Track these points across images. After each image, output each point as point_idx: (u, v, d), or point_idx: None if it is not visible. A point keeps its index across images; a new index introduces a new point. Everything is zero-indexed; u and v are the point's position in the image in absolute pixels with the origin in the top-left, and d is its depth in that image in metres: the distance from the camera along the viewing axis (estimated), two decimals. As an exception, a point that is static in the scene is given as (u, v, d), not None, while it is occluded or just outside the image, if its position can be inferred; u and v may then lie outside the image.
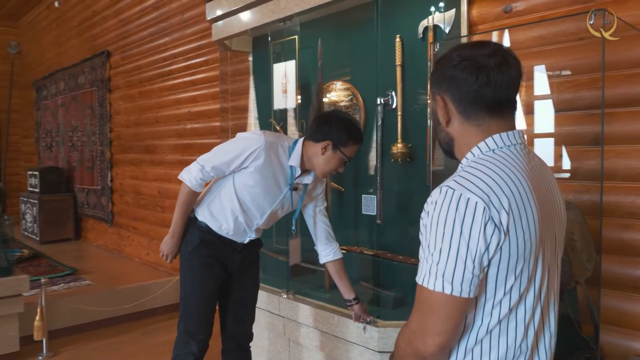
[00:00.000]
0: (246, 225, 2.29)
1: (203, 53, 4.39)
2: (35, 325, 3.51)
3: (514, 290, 1.00)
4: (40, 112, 8.26)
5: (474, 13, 2.53)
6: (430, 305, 1.00)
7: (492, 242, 0.96)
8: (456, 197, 0.97)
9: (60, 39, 7.36)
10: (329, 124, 2.17)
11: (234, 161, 2.14)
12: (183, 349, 2.34)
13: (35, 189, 6.82)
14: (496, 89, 1.03)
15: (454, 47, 1.10)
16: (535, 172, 1.07)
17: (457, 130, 1.10)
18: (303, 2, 2.76)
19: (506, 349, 1.04)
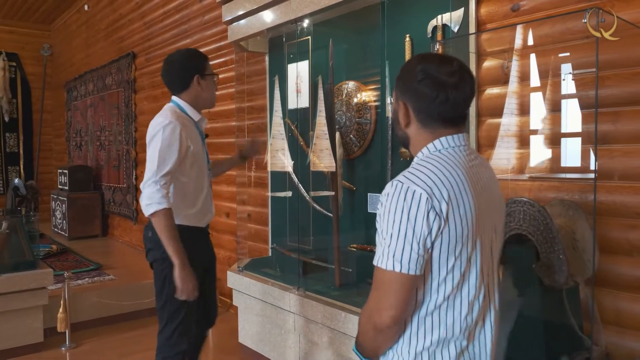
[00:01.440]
0: (207, 200, 2.39)
1: (222, 54, 4.48)
2: (59, 317, 3.66)
3: (455, 269, 1.16)
4: (70, 112, 8.53)
5: (482, 12, 2.53)
6: (384, 283, 1.15)
7: (434, 227, 1.11)
8: (404, 190, 1.12)
9: (90, 41, 7.60)
10: (177, 68, 2.28)
11: (178, 153, 2.13)
12: (171, 350, 2.29)
13: (65, 187, 7.06)
14: (452, 106, 1.19)
15: (418, 60, 1.23)
16: (474, 170, 1.22)
17: (414, 133, 1.26)
18: (313, 3, 2.80)
19: (452, 321, 1.19)
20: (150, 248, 2.30)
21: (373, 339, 1.22)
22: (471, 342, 1.22)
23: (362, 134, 3.07)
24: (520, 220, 1.78)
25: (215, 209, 4.61)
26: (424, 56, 1.26)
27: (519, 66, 2.36)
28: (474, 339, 1.23)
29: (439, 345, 1.19)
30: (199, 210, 2.33)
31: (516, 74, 2.37)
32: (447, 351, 1.19)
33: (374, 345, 1.24)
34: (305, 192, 3.44)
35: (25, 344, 3.61)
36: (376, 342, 1.23)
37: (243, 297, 3.44)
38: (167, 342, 2.29)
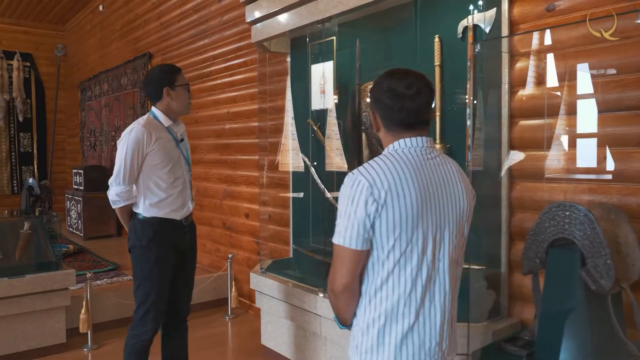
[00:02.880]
0: (182, 197, 2.67)
1: (242, 54, 4.47)
2: (81, 318, 3.66)
3: (395, 248, 1.36)
4: (84, 112, 8.56)
5: (515, 12, 2.49)
6: (337, 255, 1.40)
7: (371, 210, 1.34)
8: (353, 179, 1.38)
9: (104, 42, 7.61)
10: (150, 82, 2.63)
11: (138, 157, 2.50)
12: (141, 329, 2.61)
13: (80, 187, 7.07)
14: (408, 114, 1.43)
15: (385, 76, 1.48)
16: (429, 167, 1.42)
17: (382, 135, 1.51)
18: (342, 3, 2.78)
19: (398, 296, 1.39)
20: (129, 237, 2.66)
21: (334, 303, 1.48)
22: (419, 320, 1.40)
23: (389, 135, 3.04)
24: (565, 224, 1.75)
25: (234, 210, 4.62)
26: (390, 72, 1.49)
27: (556, 67, 2.33)
28: (422, 316, 1.41)
29: (388, 318, 1.39)
30: (169, 205, 2.62)
31: (552, 75, 2.34)
32: (396, 326, 1.39)
33: (336, 309, 1.49)
34: (328, 193, 3.42)
35: (48, 344, 3.61)
36: (337, 306, 1.47)
37: (266, 298, 3.42)
38: (138, 322, 2.61)
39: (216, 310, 4.54)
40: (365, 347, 1.41)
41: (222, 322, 4.32)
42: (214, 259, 5.01)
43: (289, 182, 3.93)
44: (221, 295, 4.61)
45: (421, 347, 1.40)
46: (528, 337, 2.00)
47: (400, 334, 1.39)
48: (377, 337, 1.40)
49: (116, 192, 2.56)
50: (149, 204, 2.58)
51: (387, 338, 1.39)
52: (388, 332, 1.39)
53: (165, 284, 2.64)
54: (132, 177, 2.54)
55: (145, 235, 2.56)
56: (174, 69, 2.68)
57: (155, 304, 2.60)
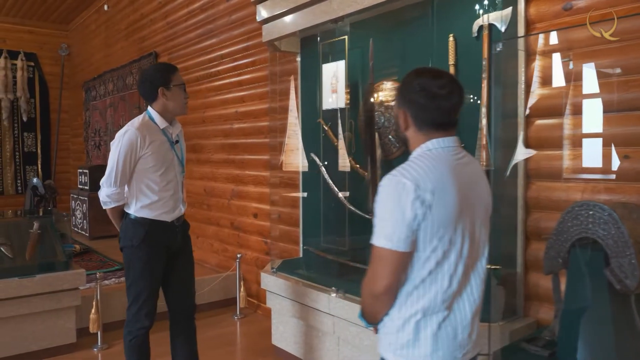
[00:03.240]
0: (174, 199, 2.66)
1: (250, 54, 4.46)
2: (91, 318, 3.65)
3: (438, 249, 1.38)
4: (89, 112, 8.55)
5: (531, 11, 2.49)
6: (379, 258, 1.40)
7: (419, 213, 1.34)
8: (396, 181, 1.37)
9: (109, 41, 7.60)
10: (145, 82, 2.59)
11: (130, 159, 2.50)
12: (135, 325, 2.67)
13: (85, 187, 7.07)
14: (442, 113, 1.45)
15: (416, 75, 1.48)
16: (460, 167, 1.44)
17: (411, 135, 1.51)
18: (356, 2, 2.77)
19: (435, 293, 1.41)
20: (121, 236, 2.68)
21: (371, 305, 1.48)
22: (452, 312, 1.44)
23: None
24: (589, 223, 1.74)
25: (242, 209, 4.62)
26: (420, 71, 1.51)
27: (574, 66, 2.32)
28: (455, 309, 1.44)
29: (424, 314, 1.42)
30: (160, 207, 2.62)
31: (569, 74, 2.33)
32: (431, 320, 1.42)
33: (372, 311, 1.50)
34: (340, 193, 3.42)
35: (58, 344, 3.61)
36: (374, 308, 1.48)
37: (278, 298, 3.42)
38: (132, 319, 2.67)
39: (224, 310, 4.53)
40: (401, 343, 1.44)
41: (230, 322, 4.31)
42: (222, 258, 5.00)
43: (298, 181, 3.92)
44: (229, 295, 4.60)
45: (454, 338, 1.44)
46: (548, 337, 1.99)
47: (435, 328, 1.42)
48: (413, 332, 1.42)
49: (107, 193, 2.58)
50: (140, 205, 2.59)
51: (423, 333, 1.42)
52: (423, 327, 1.42)
53: (156, 282, 2.69)
54: (123, 179, 2.54)
55: (136, 235, 2.58)
56: (169, 67, 2.65)
57: (147, 301, 2.65)
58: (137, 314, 2.65)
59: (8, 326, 3.41)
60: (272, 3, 3.34)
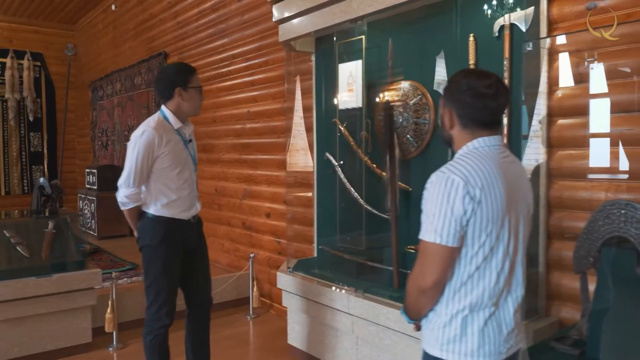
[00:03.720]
0: (190, 197, 2.70)
1: (263, 54, 4.46)
2: (107, 318, 3.66)
3: (486, 244, 1.42)
4: (96, 111, 8.55)
5: (554, 11, 2.49)
6: (427, 253, 1.43)
7: (468, 208, 1.38)
8: (445, 178, 1.40)
9: (117, 41, 7.60)
10: (163, 80, 2.63)
11: (148, 160, 2.53)
12: (156, 324, 2.68)
13: (93, 186, 7.06)
14: (489, 113, 1.48)
15: (463, 75, 1.51)
16: (505, 165, 1.47)
17: (456, 134, 1.54)
18: (377, 2, 2.78)
19: (483, 289, 1.44)
20: (140, 236, 2.69)
21: (417, 299, 1.50)
22: (497, 308, 1.47)
23: (420, 134, 3.04)
24: (621, 222, 1.75)
25: (254, 209, 4.62)
26: (467, 72, 1.56)
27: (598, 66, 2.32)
28: (500, 306, 1.47)
29: (472, 310, 1.44)
30: (179, 206, 2.66)
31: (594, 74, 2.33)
32: (478, 316, 1.45)
33: (417, 306, 1.52)
34: (355, 193, 3.42)
35: (73, 344, 3.61)
36: (419, 303, 1.50)
37: (294, 298, 3.42)
38: (152, 318, 2.68)
39: (237, 310, 4.53)
40: (448, 338, 1.47)
41: (243, 321, 4.31)
42: (233, 258, 5.01)
43: (313, 181, 3.92)
44: (241, 295, 4.60)
45: (500, 333, 1.47)
46: (576, 336, 2.00)
47: (482, 323, 1.45)
48: (460, 327, 1.45)
49: (125, 194, 2.58)
50: (160, 205, 2.62)
51: (470, 328, 1.45)
52: (470, 323, 1.45)
53: (175, 280, 2.72)
54: (141, 179, 2.57)
55: (156, 234, 2.61)
56: (188, 69, 2.68)
57: (167, 299, 2.67)
58: (157, 313, 2.67)
59: (25, 325, 3.41)
60: (288, 3, 3.34)
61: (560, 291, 2.50)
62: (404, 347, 2.67)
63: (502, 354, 1.48)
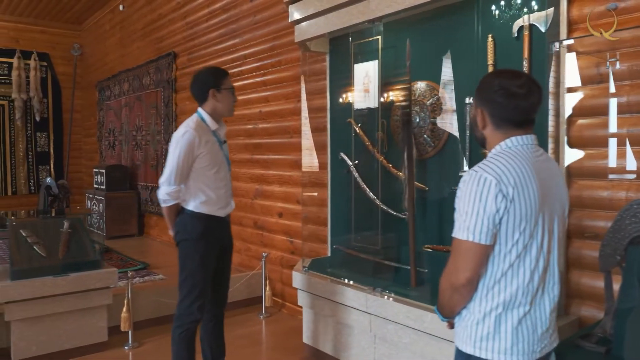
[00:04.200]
0: (226, 195, 2.81)
1: (276, 54, 4.48)
2: (123, 317, 3.67)
3: (519, 242, 1.43)
4: (103, 111, 8.57)
5: (574, 11, 2.51)
6: (461, 250, 1.45)
7: (501, 207, 1.40)
8: (478, 177, 1.42)
9: (125, 41, 7.62)
10: (198, 83, 2.73)
11: (188, 159, 2.62)
12: (188, 318, 2.73)
13: (102, 186, 7.09)
14: (521, 112, 1.49)
15: (495, 75, 1.54)
16: (539, 164, 1.49)
17: (489, 133, 1.56)
18: (396, 2, 2.79)
19: (517, 287, 1.46)
20: (178, 231, 2.77)
21: (450, 297, 1.51)
22: (533, 307, 1.47)
23: (437, 134, 3.06)
24: (649, 221, 1.76)
25: (266, 209, 4.63)
26: (498, 72, 1.58)
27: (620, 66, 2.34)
28: (535, 305, 1.48)
29: (505, 308, 1.46)
30: (216, 204, 2.76)
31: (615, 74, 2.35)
32: (512, 314, 1.46)
33: (450, 303, 1.53)
34: (371, 193, 3.44)
35: (89, 343, 3.63)
36: (452, 300, 1.52)
37: (310, 297, 3.43)
38: (184, 312, 2.73)
39: (249, 309, 4.55)
40: (481, 336, 1.48)
41: (256, 320, 4.33)
42: (244, 258, 5.03)
43: (327, 181, 3.93)
44: (253, 294, 4.62)
45: (534, 333, 1.48)
46: (601, 334, 2.01)
47: (516, 322, 1.46)
48: (493, 325, 1.47)
49: (166, 191, 2.68)
50: (199, 202, 2.72)
51: (504, 326, 1.46)
52: (504, 321, 1.46)
53: (210, 275, 2.79)
54: (182, 178, 2.68)
55: (195, 229, 2.70)
56: (221, 72, 2.80)
57: (201, 294, 2.73)
58: (190, 307, 2.72)
59: (43, 324, 3.43)
60: (305, 4, 3.36)
61: (580, 290, 2.51)
62: (423, 346, 2.69)
63: (536, 352, 1.50)
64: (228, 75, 2.79)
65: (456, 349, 1.60)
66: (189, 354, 2.79)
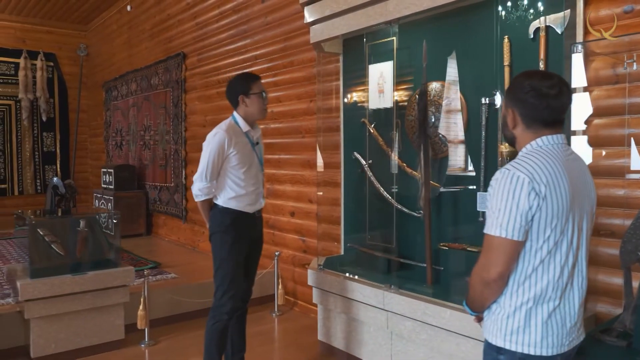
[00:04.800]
0: (255, 193, 2.94)
1: (288, 54, 4.52)
2: (139, 315, 3.72)
3: (550, 239, 1.47)
4: (110, 112, 8.61)
5: (590, 14, 2.55)
6: (493, 246, 1.49)
7: (534, 204, 1.44)
8: (510, 175, 1.46)
9: (132, 42, 7.66)
10: (229, 90, 2.93)
11: (219, 158, 2.78)
12: (221, 309, 2.86)
13: (110, 186, 7.13)
14: (552, 112, 1.53)
15: (525, 77, 1.57)
16: (569, 162, 1.54)
17: (520, 133, 1.60)
18: (414, 4, 2.84)
19: (547, 282, 1.50)
20: (210, 224, 2.93)
21: (481, 292, 1.56)
22: (562, 301, 1.52)
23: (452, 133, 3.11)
24: (671, 219, 1.81)
25: (278, 208, 4.67)
26: (529, 73, 1.60)
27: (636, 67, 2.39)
28: (564, 299, 1.52)
29: (535, 302, 1.50)
30: (244, 200, 2.90)
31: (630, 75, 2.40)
32: (542, 308, 1.50)
33: (481, 298, 1.58)
34: (385, 192, 3.48)
35: (107, 340, 3.67)
36: (483, 295, 1.56)
37: (325, 295, 3.48)
38: (218, 303, 2.87)
39: (261, 307, 4.59)
40: (512, 329, 1.53)
41: (269, 319, 4.37)
42: (256, 257, 5.06)
43: (340, 180, 3.98)
44: (265, 292, 4.66)
45: (562, 327, 1.53)
46: (620, 329, 2.06)
47: (546, 316, 1.51)
48: (524, 319, 1.51)
49: (199, 187, 2.86)
50: (228, 197, 2.89)
51: (534, 320, 1.51)
52: (534, 315, 1.51)
53: (240, 265, 2.92)
54: (213, 175, 2.84)
55: (224, 221, 2.87)
56: (249, 77, 2.95)
57: (232, 283, 2.86)
58: (223, 298, 2.86)
59: (62, 323, 3.48)
60: (321, 5, 3.40)
61: (596, 286, 2.56)
62: (441, 342, 2.74)
63: (564, 346, 1.54)
64: (257, 80, 2.93)
65: (485, 342, 1.64)
66: (218, 347, 2.89)
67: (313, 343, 3.72)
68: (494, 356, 1.59)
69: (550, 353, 1.52)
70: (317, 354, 3.61)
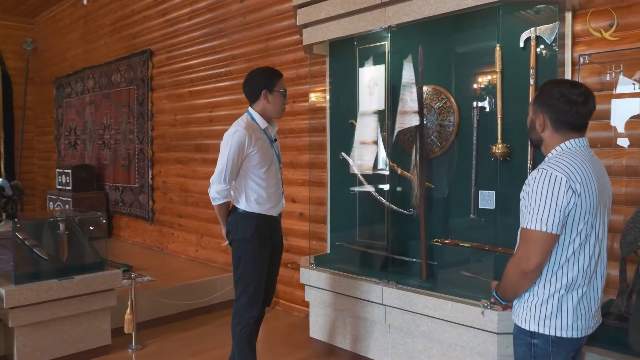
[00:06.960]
0: (277, 194, 2.85)
1: (268, 55, 4.53)
2: (126, 319, 3.63)
3: (582, 232, 1.65)
4: (61, 109, 8.22)
5: (577, 27, 2.78)
6: (532, 239, 1.65)
7: (571, 201, 1.61)
8: (548, 174, 1.63)
9: (89, 37, 7.36)
10: (251, 82, 2.81)
11: (239, 157, 2.66)
12: (245, 315, 2.79)
13: (67, 187, 6.83)
14: (579, 117, 1.71)
15: (554, 84, 1.76)
16: (593, 162, 1.72)
17: (548, 136, 1.77)
18: (414, 12, 2.96)
19: (578, 271, 1.68)
20: (230, 230, 2.81)
21: (517, 281, 1.73)
22: (589, 288, 1.70)
23: (445, 135, 3.27)
24: (668, 213, 2.03)
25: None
26: (556, 81, 1.80)
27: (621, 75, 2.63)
28: (591, 285, 1.71)
29: (567, 289, 1.68)
30: (267, 202, 2.80)
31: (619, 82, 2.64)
32: (572, 295, 1.68)
33: (516, 287, 1.75)
34: (374, 190, 3.60)
35: (93, 346, 3.56)
36: (519, 284, 1.73)
37: (319, 292, 3.55)
38: (242, 309, 2.79)
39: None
40: (545, 315, 1.71)
41: (252, 318, 4.38)
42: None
43: (326, 180, 4.06)
44: (245, 292, 4.66)
45: (589, 310, 1.72)
46: (617, 312, 2.28)
47: (576, 301, 1.69)
48: (557, 305, 1.69)
49: (217, 190, 2.71)
50: (250, 201, 2.76)
51: (565, 305, 1.69)
52: (566, 301, 1.69)
53: (264, 272, 2.83)
54: (232, 176, 2.71)
55: (248, 228, 2.74)
56: (274, 73, 2.84)
57: (256, 290, 2.79)
58: (247, 304, 2.78)
59: (48, 329, 3.35)
60: (317, 8, 3.45)
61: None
62: (441, 333, 2.88)
63: (590, 328, 1.74)
64: (281, 78, 2.83)
65: (516, 327, 1.80)
66: (251, 350, 2.84)
67: (305, 340, 3.78)
68: (528, 340, 1.76)
69: (580, 335, 1.71)
70: (312, 350, 3.68)
